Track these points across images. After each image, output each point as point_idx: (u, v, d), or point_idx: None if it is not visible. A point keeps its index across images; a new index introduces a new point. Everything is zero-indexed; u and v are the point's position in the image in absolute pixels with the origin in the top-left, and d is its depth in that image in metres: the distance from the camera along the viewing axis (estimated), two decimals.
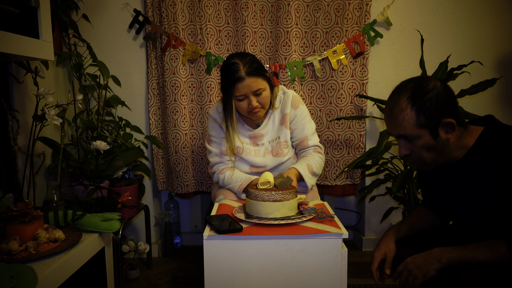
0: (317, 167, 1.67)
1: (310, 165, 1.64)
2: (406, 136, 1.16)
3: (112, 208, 1.64)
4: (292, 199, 1.29)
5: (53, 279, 1.07)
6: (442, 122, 1.12)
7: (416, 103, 1.12)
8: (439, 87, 1.13)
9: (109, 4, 2.27)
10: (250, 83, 1.56)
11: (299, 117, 1.71)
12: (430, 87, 1.12)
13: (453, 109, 1.14)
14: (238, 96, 1.59)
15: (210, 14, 2.22)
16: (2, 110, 1.59)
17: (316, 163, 1.67)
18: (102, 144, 1.78)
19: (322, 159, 1.72)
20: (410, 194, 1.99)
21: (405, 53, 2.35)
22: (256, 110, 1.61)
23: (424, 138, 1.15)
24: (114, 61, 2.31)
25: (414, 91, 1.13)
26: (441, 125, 1.13)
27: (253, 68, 1.56)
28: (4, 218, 1.18)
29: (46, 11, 1.38)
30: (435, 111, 1.11)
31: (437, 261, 1.11)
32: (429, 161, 1.19)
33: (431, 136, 1.14)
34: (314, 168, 1.65)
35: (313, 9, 2.24)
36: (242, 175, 1.66)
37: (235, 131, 1.69)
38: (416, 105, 1.12)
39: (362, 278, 2.11)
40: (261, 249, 1.18)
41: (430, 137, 1.14)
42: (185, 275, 2.19)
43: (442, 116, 1.12)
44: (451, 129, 1.14)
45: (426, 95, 1.12)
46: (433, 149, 1.16)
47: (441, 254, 1.12)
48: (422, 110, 1.11)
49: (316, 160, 1.68)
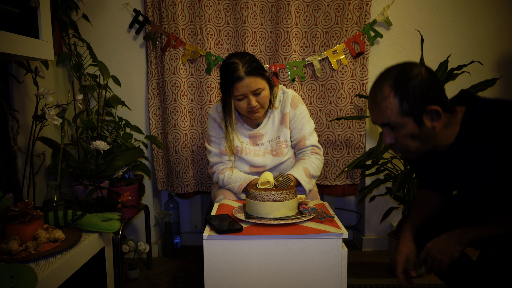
0: (314, 169, 1.65)
1: (307, 168, 1.63)
2: (390, 124, 1.13)
3: (112, 208, 1.64)
4: (292, 199, 1.29)
5: (53, 279, 1.07)
6: (427, 109, 1.08)
7: (399, 90, 1.08)
8: (424, 74, 1.09)
9: (109, 4, 2.27)
10: (249, 82, 1.56)
11: (298, 117, 1.71)
12: (413, 74, 1.09)
13: (439, 96, 1.10)
14: (237, 95, 1.59)
15: (210, 14, 2.22)
16: (2, 110, 1.59)
17: (314, 165, 1.66)
18: (102, 144, 1.78)
19: (320, 160, 1.71)
20: (410, 194, 2.00)
21: (405, 53, 2.35)
22: (255, 109, 1.61)
23: (408, 127, 1.11)
24: (114, 61, 2.31)
25: (397, 78, 1.10)
26: (426, 112, 1.09)
27: (252, 68, 1.56)
28: (4, 218, 1.18)
29: (46, 11, 1.38)
30: (419, 98, 1.07)
31: (459, 243, 1.11)
32: (414, 150, 1.15)
33: (415, 125, 1.10)
34: (312, 170, 1.64)
35: (313, 9, 2.24)
36: (241, 175, 1.66)
37: (234, 130, 1.69)
38: (399, 93, 1.08)
39: (362, 278, 2.12)
40: (261, 249, 1.18)
41: (415, 125, 1.10)
42: (185, 275, 2.19)
43: (426, 103, 1.08)
44: (436, 117, 1.10)
45: (410, 82, 1.08)
46: (418, 137, 1.12)
47: (462, 237, 1.12)
48: (405, 97, 1.08)
49: (313, 162, 1.67)
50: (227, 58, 1.62)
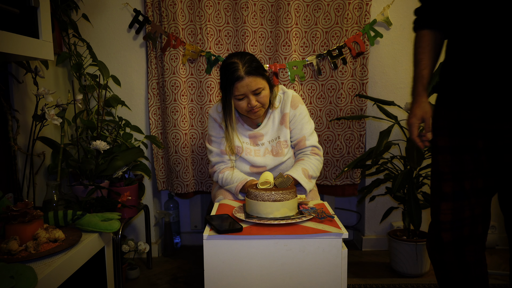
0: (313, 170, 1.65)
1: (306, 169, 1.63)
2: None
3: (112, 208, 1.64)
4: (292, 199, 1.29)
5: (53, 279, 1.07)
6: None
7: None
8: None
9: (109, 4, 2.27)
10: (249, 82, 1.56)
11: (298, 117, 1.71)
12: None
13: None
14: (237, 95, 1.59)
15: (210, 14, 2.22)
16: (2, 110, 1.59)
17: (313, 166, 1.66)
18: (102, 144, 1.78)
19: (319, 161, 1.71)
20: (410, 194, 1.99)
21: (405, 53, 2.35)
22: (255, 109, 1.61)
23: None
24: (114, 61, 2.31)
25: None
26: None
27: (252, 68, 1.56)
28: (4, 218, 1.18)
29: (46, 11, 1.38)
30: None
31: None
32: None
33: None
34: (311, 171, 1.64)
35: (313, 9, 2.24)
36: (239, 175, 1.66)
37: (234, 130, 1.69)
38: None
39: (362, 278, 2.12)
40: (261, 249, 1.18)
41: None
42: (185, 275, 2.19)
43: None
44: None
45: None
46: None
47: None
48: None
49: (313, 163, 1.67)
50: (227, 58, 1.62)
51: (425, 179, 2.14)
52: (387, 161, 2.17)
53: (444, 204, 1.31)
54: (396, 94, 2.35)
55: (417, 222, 1.94)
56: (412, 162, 1.81)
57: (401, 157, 2.22)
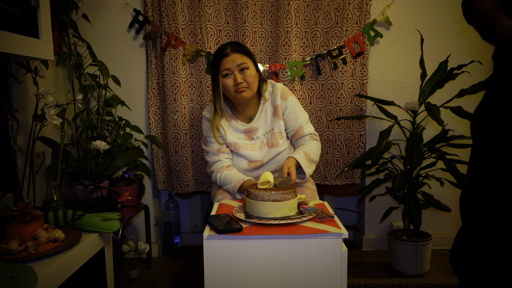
0: (314, 154, 1.69)
1: (307, 152, 1.66)
2: None
3: (112, 208, 1.65)
4: (292, 199, 1.29)
5: (53, 279, 1.07)
6: None
7: None
8: None
9: (109, 4, 2.27)
10: (235, 58, 1.65)
11: (290, 108, 1.75)
12: None
13: None
14: (223, 71, 1.67)
15: (210, 14, 2.22)
16: (2, 110, 1.59)
17: (314, 150, 1.70)
18: (102, 144, 1.79)
19: (318, 146, 1.75)
20: (410, 194, 2.00)
21: (405, 53, 2.35)
22: (241, 87, 1.65)
23: None
24: (114, 61, 2.31)
25: None
26: None
27: (239, 47, 1.69)
28: (4, 218, 1.18)
29: (46, 10, 1.38)
30: None
31: None
32: None
33: None
34: (312, 155, 1.68)
35: (313, 9, 2.24)
36: (237, 175, 1.67)
37: (224, 113, 1.75)
38: None
39: (362, 278, 2.12)
40: (261, 249, 1.18)
41: None
42: (185, 275, 2.19)
43: None
44: None
45: None
46: None
47: None
48: None
49: (313, 147, 1.71)
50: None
51: (425, 179, 2.14)
52: (387, 161, 2.17)
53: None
54: (396, 94, 2.35)
55: (417, 222, 1.94)
56: (412, 162, 1.81)
57: (401, 157, 2.22)
